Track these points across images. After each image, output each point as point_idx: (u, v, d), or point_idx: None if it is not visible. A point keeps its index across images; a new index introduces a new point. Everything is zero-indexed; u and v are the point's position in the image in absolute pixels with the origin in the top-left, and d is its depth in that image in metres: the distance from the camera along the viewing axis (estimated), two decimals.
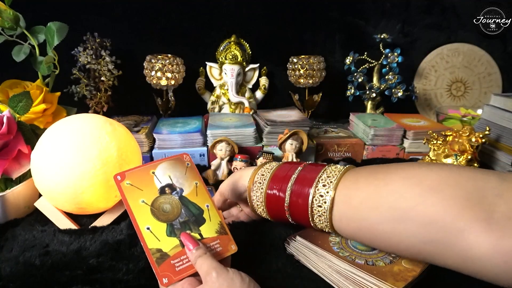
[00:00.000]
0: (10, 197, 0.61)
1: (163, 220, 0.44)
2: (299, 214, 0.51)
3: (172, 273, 0.41)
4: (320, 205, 0.48)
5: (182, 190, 0.47)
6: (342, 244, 0.50)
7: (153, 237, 0.43)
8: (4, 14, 0.75)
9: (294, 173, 0.52)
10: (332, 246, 0.49)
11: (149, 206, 0.44)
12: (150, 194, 0.45)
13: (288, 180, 0.52)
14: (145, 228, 0.43)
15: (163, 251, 0.42)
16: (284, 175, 0.53)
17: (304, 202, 0.50)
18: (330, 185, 0.48)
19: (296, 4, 1.14)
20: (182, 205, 0.46)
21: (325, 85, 1.13)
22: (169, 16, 1.10)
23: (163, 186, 0.47)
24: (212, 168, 0.80)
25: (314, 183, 0.49)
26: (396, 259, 0.46)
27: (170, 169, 0.48)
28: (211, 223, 0.47)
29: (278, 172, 0.54)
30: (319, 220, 0.49)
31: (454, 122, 1.02)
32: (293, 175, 0.52)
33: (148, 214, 0.44)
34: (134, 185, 0.45)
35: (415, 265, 0.45)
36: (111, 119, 0.62)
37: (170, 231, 0.44)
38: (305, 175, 0.51)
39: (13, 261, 0.51)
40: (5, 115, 0.60)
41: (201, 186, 0.49)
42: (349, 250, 0.49)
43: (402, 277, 0.43)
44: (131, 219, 0.43)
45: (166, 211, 0.45)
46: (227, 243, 0.46)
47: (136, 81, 1.06)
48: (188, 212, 0.46)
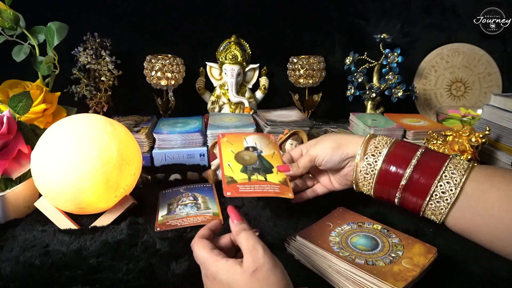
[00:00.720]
0: (10, 197, 0.61)
1: (241, 163, 0.61)
2: (415, 196, 0.51)
3: (235, 191, 0.55)
4: (444, 191, 0.48)
5: (261, 152, 0.65)
6: (342, 244, 0.50)
7: (230, 170, 0.59)
8: (4, 14, 0.75)
9: (415, 155, 0.51)
10: (332, 246, 0.49)
11: (234, 153, 0.63)
12: (238, 148, 0.64)
13: (408, 161, 0.51)
14: (226, 164, 0.60)
15: (234, 178, 0.58)
16: (404, 156, 0.52)
17: (427, 185, 0.49)
18: (460, 174, 0.48)
19: (296, 4, 1.14)
20: (258, 159, 0.63)
21: (325, 85, 1.13)
22: (169, 16, 1.10)
23: (248, 146, 0.65)
24: (212, 168, 0.79)
25: (442, 169, 0.49)
26: (396, 259, 0.46)
27: (257, 139, 0.68)
28: (277, 176, 0.60)
29: (397, 149, 0.53)
30: (436, 208, 0.49)
31: (454, 122, 1.02)
32: (414, 156, 0.51)
33: (232, 158, 0.62)
34: (229, 141, 0.66)
35: (415, 265, 0.45)
36: (111, 119, 0.62)
37: (243, 170, 0.60)
38: (429, 160, 0.51)
39: (13, 261, 0.51)
40: (5, 115, 0.60)
41: (277, 155, 0.65)
42: (349, 250, 0.49)
43: (402, 277, 0.43)
44: (219, 159, 0.62)
45: (245, 159, 0.62)
46: (286, 190, 0.58)
47: (136, 81, 1.06)
48: (261, 164, 0.62)
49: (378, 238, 0.51)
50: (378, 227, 0.54)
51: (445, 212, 0.49)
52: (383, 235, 0.52)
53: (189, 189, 0.72)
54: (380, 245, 0.50)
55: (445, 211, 0.49)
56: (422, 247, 0.49)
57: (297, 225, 0.60)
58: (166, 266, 0.50)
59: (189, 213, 0.64)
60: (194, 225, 0.60)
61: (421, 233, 0.56)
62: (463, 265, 0.50)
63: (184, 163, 0.85)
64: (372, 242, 0.50)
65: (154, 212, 0.65)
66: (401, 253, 0.48)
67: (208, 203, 0.67)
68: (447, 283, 0.47)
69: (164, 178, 0.79)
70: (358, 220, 0.56)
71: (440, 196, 0.49)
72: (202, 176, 0.79)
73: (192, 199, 0.68)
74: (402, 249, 0.48)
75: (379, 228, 0.54)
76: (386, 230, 0.53)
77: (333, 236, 0.52)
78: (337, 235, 0.52)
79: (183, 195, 0.70)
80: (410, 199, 0.52)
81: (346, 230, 0.54)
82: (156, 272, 0.49)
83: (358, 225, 0.55)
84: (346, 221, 0.56)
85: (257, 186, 0.57)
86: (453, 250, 0.52)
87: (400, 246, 0.49)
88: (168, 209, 0.65)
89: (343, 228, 0.54)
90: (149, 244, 0.55)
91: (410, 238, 0.51)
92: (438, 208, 0.50)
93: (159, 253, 0.52)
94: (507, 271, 0.48)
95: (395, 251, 0.48)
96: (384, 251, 0.48)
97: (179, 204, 0.66)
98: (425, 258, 0.46)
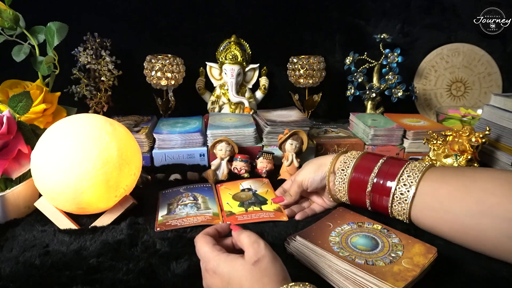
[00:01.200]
0: (10, 197, 0.61)
1: (238, 200, 0.69)
2: (379, 200, 0.57)
3: (234, 221, 0.62)
4: (402, 193, 0.54)
5: (256, 190, 0.72)
6: (342, 244, 0.50)
7: (229, 206, 0.67)
8: (4, 14, 0.75)
9: (377, 165, 0.58)
10: (332, 246, 0.49)
11: (232, 194, 0.71)
12: (234, 191, 0.73)
13: (371, 169, 0.58)
14: (225, 202, 0.68)
15: (232, 211, 0.65)
16: (368, 166, 0.59)
17: (387, 190, 0.55)
18: (415, 176, 0.54)
19: (296, 4, 1.14)
20: (253, 195, 0.70)
21: (325, 85, 1.13)
22: (169, 16, 1.10)
23: (244, 188, 0.73)
24: (212, 168, 0.80)
25: (399, 173, 0.55)
26: (396, 259, 0.46)
27: (252, 182, 0.76)
28: (271, 206, 0.67)
29: (361, 162, 0.60)
30: (399, 208, 0.55)
31: (454, 122, 1.02)
32: (376, 165, 0.58)
33: (230, 198, 0.70)
34: (226, 187, 0.74)
35: (415, 265, 0.45)
36: (111, 119, 0.62)
37: (240, 205, 0.67)
38: (389, 167, 0.57)
39: (13, 261, 0.51)
40: (5, 115, 0.60)
41: (270, 192, 0.72)
42: (349, 250, 0.49)
43: (402, 277, 0.43)
44: (218, 200, 0.69)
45: (241, 197, 0.70)
46: (280, 215, 0.63)
47: (136, 81, 1.06)
48: (256, 199, 0.69)
49: (378, 238, 0.51)
50: (378, 227, 0.54)
51: (407, 211, 0.54)
52: (383, 235, 0.52)
53: (189, 189, 0.72)
54: (380, 245, 0.50)
55: (407, 210, 0.54)
56: (422, 247, 0.49)
57: (297, 225, 0.60)
58: (166, 266, 0.50)
59: (189, 213, 0.64)
60: (194, 225, 0.60)
61: (421, 233, 0.56)
62: (463, 265, 0.50)
63: (184, 163, 0.85)
64: (372, 242, 0.50)
65: (154, 212, 0.65)
66: (401, 253, 0.48)
67: (208, 203, 0.67)
68: (447, 283, 0.47)
69: (164, 178, 0.79)
70: (358, 220, 0.56)
71: (399, 198, 0.54)
72: (202, 176, 0.79)
73: (192, 199, 0.68)
74: (402, 249, 0.49)
75: (379, 228, 0.54)
76: (386, 230, 0.53)
77: (333, 236, 0.52)
78: (337, 235, 0.52)
79: (183, 195, 0.70)
80: (377, 202, 0.58)
81: (346, 230, 0.54)
82: (156, 272, 0.49)
83: (358, 225, 0.55)
84: (346, 221, 0.56)
85: (254, 215, 0.63)
86: (453, 250, 0.52)
87: (400, 246, 0.49)
88: (168, 209, 0.65)
89: (343, 228, 0.54)
90: (149, 244, 0.55)
91: (410, 238, 0.51)
92: (401, 209, 0.55)
93: (159, 253, 0.52)
94: (507, 271, 0.48)
95: (395, 251, 0.48)
96: (384, 251, 0.48)
97: (179, 204, 0.66)
98: (425, 258, 0.46)
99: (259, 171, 0.80)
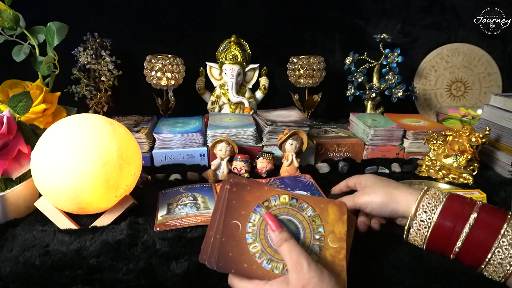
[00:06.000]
0: (10, 197, 0.61)
1: None
2: (472, 255, 0.48)
3: None
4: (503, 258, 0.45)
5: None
6: (266, 251, 0.45)
7: None
8: (4, 14, 0.75)
9: (472, 212, 0.48)
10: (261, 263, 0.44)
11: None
12: None
13: (465, 218, 0.48)
14: None
15: None
16: (460, 212, 0.49)
17: (485, 249, 0.46)
18: None
19: (296, 4, 1.14)
20: None
21: (325, 85, 1.13)
22: (169, 16, 1.10)
23: None
24: (212, 168, 0.80)
25: (502, 231, 0.46)
26: (322, 240, 0.45)
27: None
28: None
29: (450, 204, 0.50)
30: (496, 268, 0.46)
31: (454, 122, 1.02)
32: (471, 215, 0.48)
33: None
34: None
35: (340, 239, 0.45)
36: (111, 119, 0.62)
37: None
38: (487, 219, 0.48)
39: (13, 261, 0.51)
40: (5, 115, 0.60)
41: None
42: (277, 256, 0.44)
43: (338, 265, 0.43)
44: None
45: None
46: None
47: (136, 81, 1.06)
48: None
49: (294, 218, 0.46)
50: (286, 200, 0.47)
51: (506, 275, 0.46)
52: (296, 211, 0.47)
53: (189, 189, 0.73)
54: (301, 231, 0.45)
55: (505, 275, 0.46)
56: (334, 208, 0.47)
57: None
58: (166, 266, 0.50)
59: (188, 213, 0.64)
60: (193, 225, 0.60)
61: None
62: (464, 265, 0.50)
63: (184, 163, 0.85)
64: (291, 228, 0.45)
65: (154, 212, 0.65)
66: (322, 229, 0.45)
67: (208, 203, 0.67)
68: (447, 283, 0.47)
69: (164, 178, 0.79)
70: (261, 199, 0.47)
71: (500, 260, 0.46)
72: (202, 176, 0.79)
73: (192, 199, 0.68)
74: (320, 222, 0.46)
75: (287, 201, 0.47)
76: (295, 201, 0.47)
77: (251, 243, 0.44)
78: (255, 238, 0.44)
79: (183, 195, 0.70)
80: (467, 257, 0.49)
81: (258, 222, 0.45)
82: (156, 272, 0.49)
83: (265, 208, 0.46)
84: (250, 207, 0.46)
85: None
86: None
87: (317, 218, 0.46)
88: (167, 209, 0.65)
89: (254, 221, 0.45)
90: (149, 244, 0.55)
91: (319, 199, 0.47)
92: (498, 271, 0.46)
93: (159, 253, 0.52)
94: None
95: (317, 229, 0.45)
96: (308, 236, 0.45)
97: (179, 204, 0.66)
98: (342, 223, 0.45)
99: (259, 171, 0.80)
